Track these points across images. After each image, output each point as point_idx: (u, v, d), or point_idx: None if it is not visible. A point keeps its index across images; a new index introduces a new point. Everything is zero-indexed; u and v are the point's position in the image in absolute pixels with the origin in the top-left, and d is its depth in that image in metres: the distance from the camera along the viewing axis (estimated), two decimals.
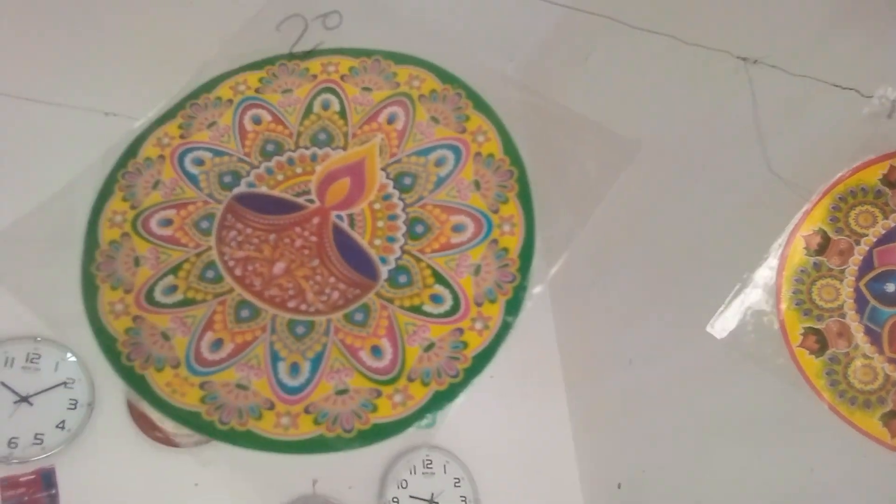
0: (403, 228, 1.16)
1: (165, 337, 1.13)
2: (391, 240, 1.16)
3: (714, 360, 2.02)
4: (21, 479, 1.71)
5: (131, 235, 1.21)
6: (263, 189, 1.23)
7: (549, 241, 1.09)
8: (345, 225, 1.17)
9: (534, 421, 2.54)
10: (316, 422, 1.10)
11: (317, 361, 1.10)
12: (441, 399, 1.16)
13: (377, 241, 1.15)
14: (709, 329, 1.59)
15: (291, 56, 1.34)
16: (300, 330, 1.11)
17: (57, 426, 1.78)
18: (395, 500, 2.14)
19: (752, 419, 1.87)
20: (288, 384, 1.10)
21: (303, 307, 1.12)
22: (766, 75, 1.52)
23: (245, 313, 1.13)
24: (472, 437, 2.39)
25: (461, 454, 2.30)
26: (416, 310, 1.11)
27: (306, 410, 1.09)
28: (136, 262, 1.19)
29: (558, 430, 2.57)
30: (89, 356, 1.89)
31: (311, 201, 1.21)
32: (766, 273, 1.51)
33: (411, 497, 2.16)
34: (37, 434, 1.75)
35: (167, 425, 1.89)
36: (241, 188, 1.23)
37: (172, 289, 1.17)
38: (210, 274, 1.16)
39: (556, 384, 2.66)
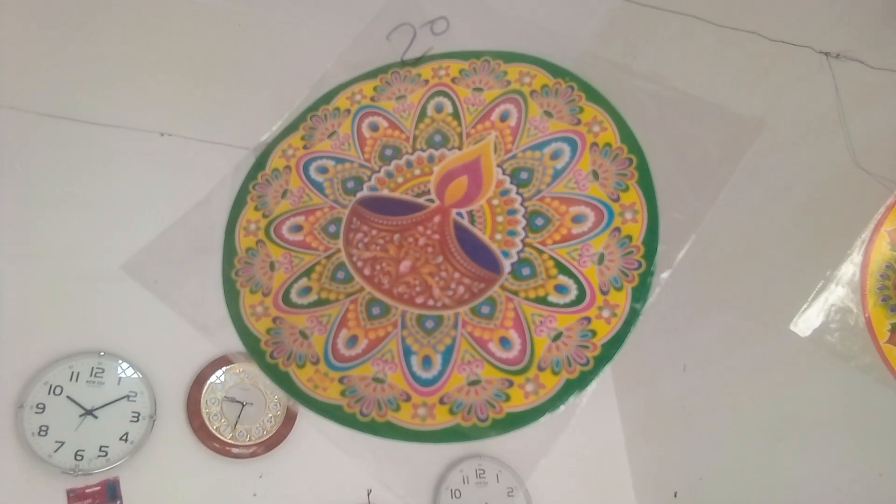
0: (523, 222, 1.17)
1: (304, 335, 1.18)
2: (512, 234, 1.17)
3: (777, 361, 1.99)
4: (87, 491, 1.75)
5: (265, 242, 1.25)
6: (385, 192, 1.26)
7: (673, 226, 1.09)
8: (465, 222, 1.19)
9: (586, 430, 2.52)
10: (451, 412, 1.11)
11: (448, 354, 1.12)
12: (572, 387, 1.16)
13: (498, 236, 1.17)
14: (792, 327, 1.57)
15: (403, 63, 1.37)
16: (429, 324, 1.13)
17: (120, 438, 1.82)
18: None
19: (818, 421, 1.83)
20: (422, 376, 1.12)
21: (430, 302, 1.14)
22: (848, 69, 1.50)
23: (376, 310, 1.16)
24: (526, 447, 2.37)
25: (513, 464, 2.30)
26: (542, 301, 1.11)
27: (441, 401, 1.11)
28: (272, 266, 1.23)
29: (611, 439, 2.56)
30: (151, 370, 1.94)
31: (431, 201, 1.23)
32: (849, 269, 1.48)
33: None
34: (101, 446, 1.79)
35: (225, 436, 1.94)
36: (364, 192, 1.27)
37: (307, 290, 1.20)
38: (341, 275, 1.19)
39: (608, 392, 2.63)
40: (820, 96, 1.62)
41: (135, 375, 1.91)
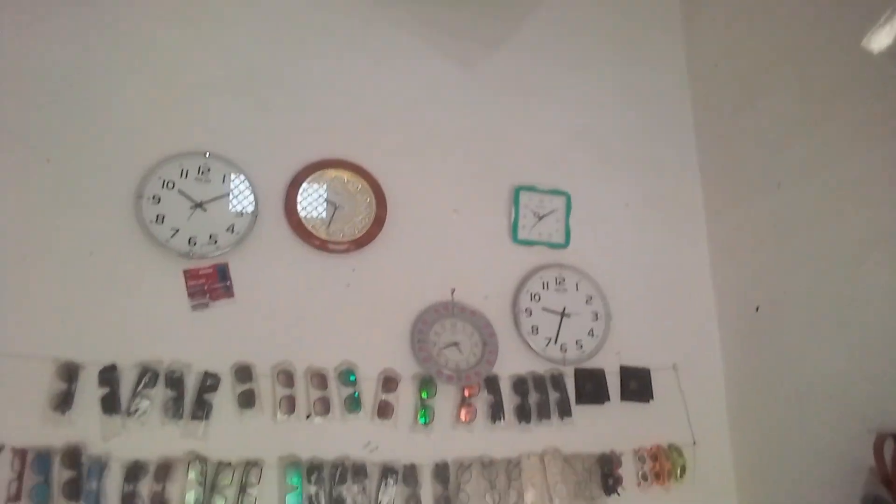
0: None
1: None
2: None
3: (873, 177, 1.89)
4: (201, 272, 1.98)
5: None
6: None
7: None
8: None
9: (670, 247, 2.54)
10: None
11: None
12: None
13: None
14: None
15: None
16: None
17: (227, 229, 2.02)
18: (528, 311, 2.27)
19: None
20: None
21: None
22: None
23: None
24: (607, 260, 2.44)
25: (595, 275, 2.37)
26: None
27: None
28: None
29: (695, 256, 2.57)
30: (252, 171, 2.09)
31: None
32: None
33: (543, 309, 2.29)
34: (211, 235, 2.00)
35: (320, 234, 2.09)
36: None
37: None
38: None
39: (696, 212, 2.61)
40: None
41: (238, 175, 2.07)
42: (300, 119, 2.27)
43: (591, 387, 2.25)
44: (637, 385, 2.31)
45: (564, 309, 2.32)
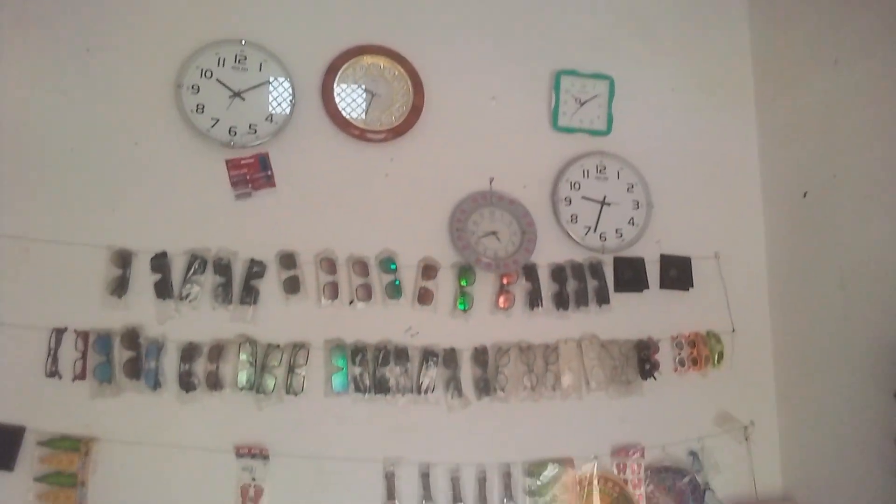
0: None
1: None
2: None
3: None
4: (242, 162, 2.00)
5: None
6: None
7: None
8: None
9: (717, 133, 2.47)
10: None
11: None
12: None
13: None
14: None
15: None
16: None
17: (266, 119, 2.02)
18: (568, 199, 2.26)
19: None
20: None
21: None
22: None
23: None
24: (650, 148, 2.38)
25: (637, 163, 2.32)
26: None
27: None
28: None
29: (743, 142, 2.50)
30: (288, 58, 2.07)
31: None
32: None
33: (583, 198, 2.27)
34: (251, 124, 2.01)
35: (358, 122, 2.08)
36: None
37: None
38: None
39: (746, 95, 2.51)
40: None
41: (274, 63, 2.05)
42: (335, 4, 2.21)
43: (630, 275, 2.26)
44: (677, 273, 2.30)
45: (605, 198, 2.29)
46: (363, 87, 2.16)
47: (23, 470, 1.79)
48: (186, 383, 1.91)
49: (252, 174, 2.04)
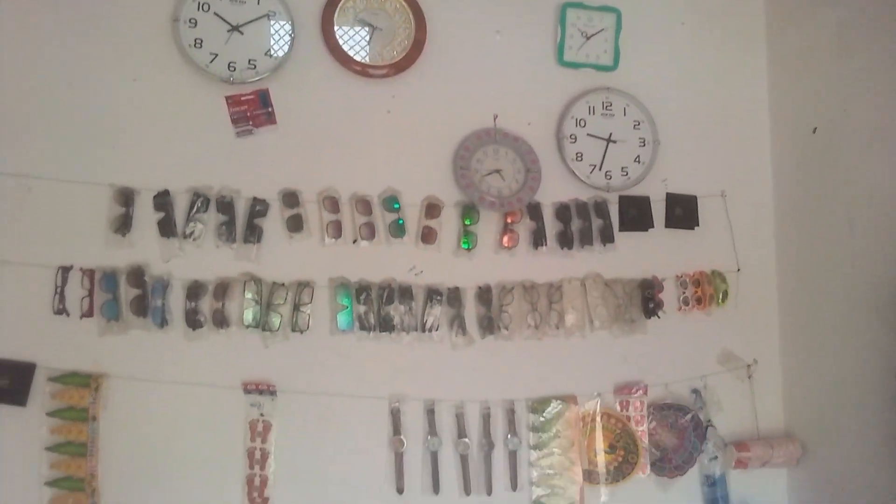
0: None
1: None
2: None
3: None
4: (243, 98, 1.97)
5: None
6: None
7: None
8: None
9: (727, 68, 2.42)
10: None
11: None
12: None
13: None
14: None
15: None
16: None
17: (265, 53, 1.98)
18: (573, 137, 2.22)
19: None
20: None
21: None
22: None
23: None
24: (657, 83, 2.34)
25: (643, 99, 2.28)
26: None
27: None
28: None
29: (753, 77, 2.45)
30: None
31: None
32: None
33: (589, 135, 2.23)
34: (250, 59, 1.97)
35: (358, 57, 2.04)
36: None
37: None
38: None
39: (757, 27, 2.45)
40: None
41: None
42: None
43: (635, 214, 2.24)
44: (683, 212, 2.28)
45: (611, 135, 2.25)
46: (363, 20, 2.11)
47: (35, 405, 1.83)
48: (193, 321, 1.92)
49: (252, 111, 2.01)
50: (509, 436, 2.08)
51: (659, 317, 2.21)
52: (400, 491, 2.01)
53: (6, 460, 1.82)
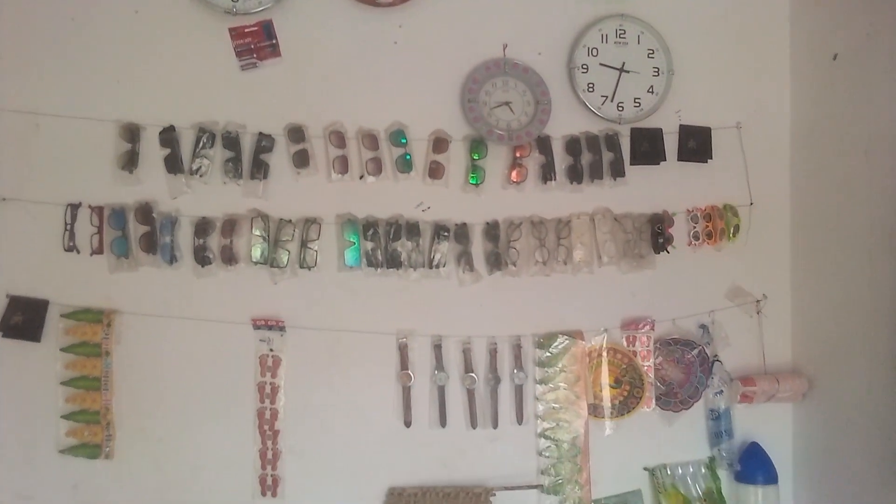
0: None
1: None
2: None
3: None
4: (246, 30, 1.92)
5: None
6: None
7: None
8: None
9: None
10: None
11: None
12: None
13: None
14: None
15: None
16: None
17: None
18: (584, 67, 2.15)
19: None
20: None
21: None
22: None
23: None
24: (672, 9, 2.24)
25: (658, 26, 2.19)
26: None
27: None
28: None
29: (773, 2, 2.31)
30: None
31: None
32: None
33: (601, 65, 2.17)
34: None
35: None
36: None
37: None
38: None
39: None
40: None
41: None
42: None
43: (647, 146, 2.19)
44: (696, 144, 2.23)
45: (623, 64, 2.18)
46: None
47: (49, 341, 1.88)
48: (201, 258, 1.94)
49: (256, 43, 1.96)
50: (515, 370, 2.11)
51: (668, 252, 2.19)
52: (407, 424, 2.06)
53: (23, 395, 1.89)
